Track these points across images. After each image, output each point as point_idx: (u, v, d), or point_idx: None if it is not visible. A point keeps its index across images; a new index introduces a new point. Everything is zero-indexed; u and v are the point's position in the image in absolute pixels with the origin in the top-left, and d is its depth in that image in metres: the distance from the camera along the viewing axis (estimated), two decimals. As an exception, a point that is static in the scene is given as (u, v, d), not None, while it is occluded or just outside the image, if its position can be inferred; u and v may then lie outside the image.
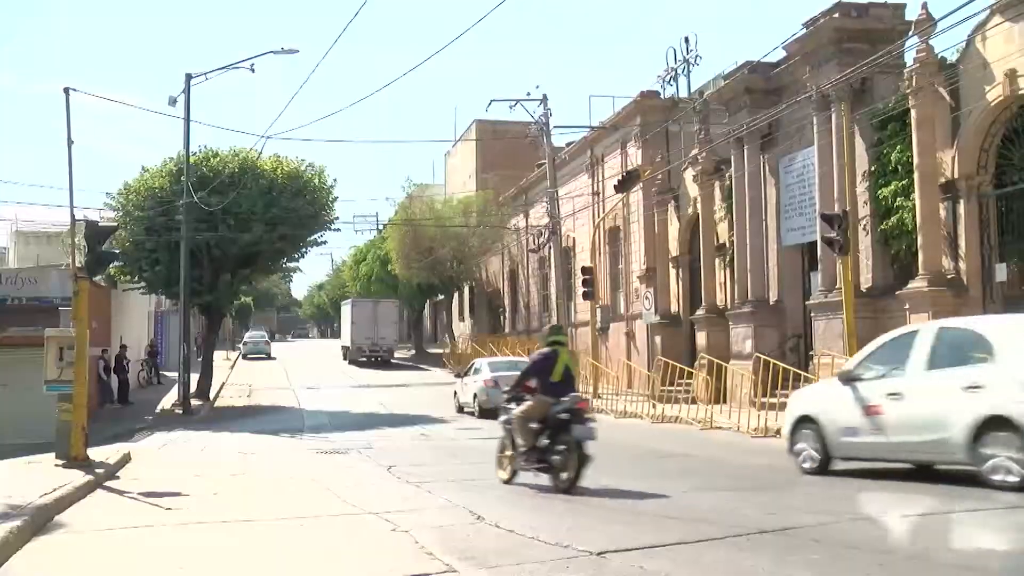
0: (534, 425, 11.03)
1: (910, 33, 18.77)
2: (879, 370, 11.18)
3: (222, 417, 27.17)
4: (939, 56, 18.20)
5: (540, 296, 45.67)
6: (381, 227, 53.53)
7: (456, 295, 58.35)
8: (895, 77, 19.28)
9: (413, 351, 58.32)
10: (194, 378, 29.64)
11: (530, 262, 46.85)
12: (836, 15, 20.31)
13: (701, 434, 19.24)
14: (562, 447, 10.67)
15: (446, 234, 47.16)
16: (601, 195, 35.62)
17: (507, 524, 8.56)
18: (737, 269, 24.92)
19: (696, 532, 8.01)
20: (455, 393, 27.97)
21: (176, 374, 29.21)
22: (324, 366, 49.61)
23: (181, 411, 27.21)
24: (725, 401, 21.91)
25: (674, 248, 29.58)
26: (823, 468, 11.56)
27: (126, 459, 15.17)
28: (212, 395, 32.05)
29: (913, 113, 18.31)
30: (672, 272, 29.70)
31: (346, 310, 53.29)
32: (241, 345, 63.01)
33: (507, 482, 11.45)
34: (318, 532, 8.82)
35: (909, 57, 18.58)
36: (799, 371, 19.40)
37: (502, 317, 53.36)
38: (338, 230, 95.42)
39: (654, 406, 23.61)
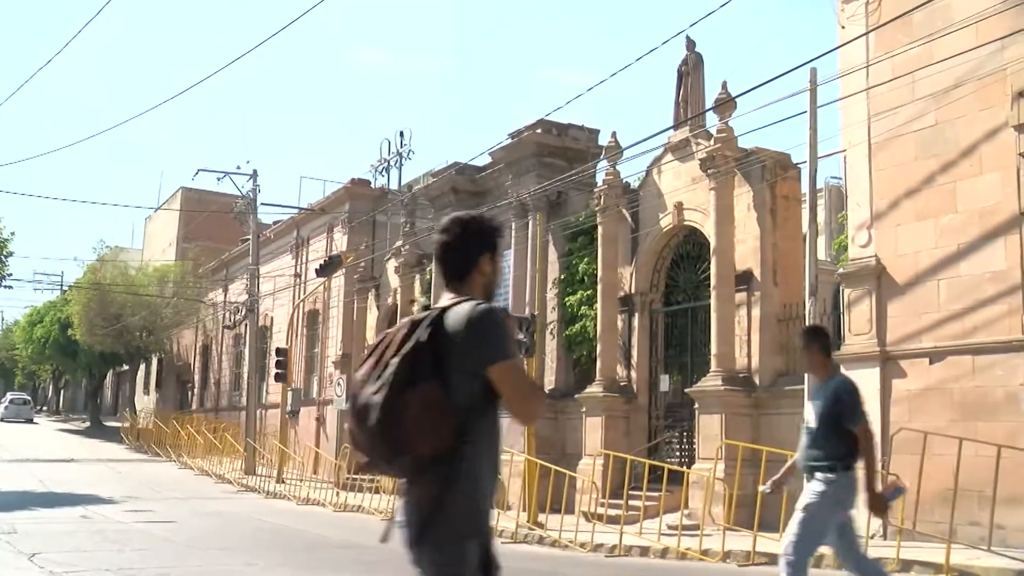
0: None
1: (601, 157, 20.42)
2: None
3: None
4: (625, 181, 20.00)
5: (232, 374, 44.02)
6: (65, 288, 49.88)
7: (143, 366, 54.96)
8: (587, 194, 20.84)
9: (88, 423, 53.98)
10: None
11: (225, 339, 45.19)
12: (539, 130, 21.73)
13: (382, 525, 19.13)
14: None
15: (138, 302, 44.58)
16: (303, 277, 35.25)
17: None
18: (431, 362, 25.35)
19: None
20: None
21: None
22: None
23: None
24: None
25: (371, 336, 29.67)
26: None
27: None
28: None
29: (600, 229, 19.82)
30: (368, 360, 29.71)
31: None
32: None
33: None
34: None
35: (600, 178, 20.23)
36: (481, 465, 19.87)
37: (190, 393, 50.83)
38: (10, 287, 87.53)
39: (338, 494, 23.28)
